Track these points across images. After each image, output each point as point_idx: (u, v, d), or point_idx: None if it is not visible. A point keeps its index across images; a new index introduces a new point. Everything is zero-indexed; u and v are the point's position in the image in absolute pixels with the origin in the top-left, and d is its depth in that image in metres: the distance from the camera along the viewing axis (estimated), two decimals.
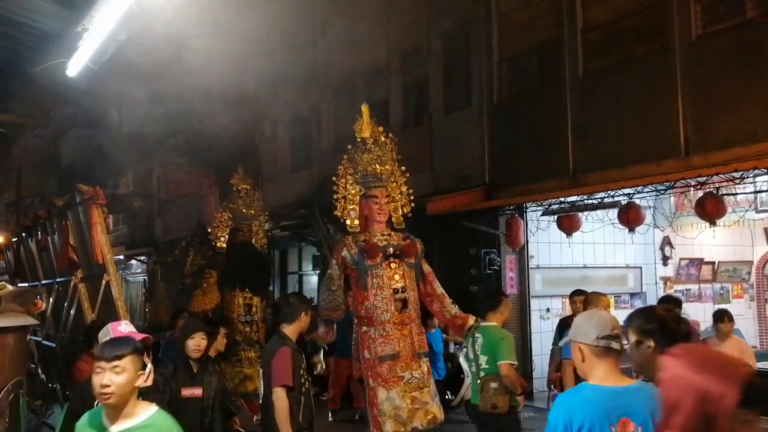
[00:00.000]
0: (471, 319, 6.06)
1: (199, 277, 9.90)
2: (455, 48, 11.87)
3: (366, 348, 5.91)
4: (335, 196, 6.29)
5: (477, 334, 5.85)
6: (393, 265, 6.07)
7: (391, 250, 6.11)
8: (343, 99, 13.91)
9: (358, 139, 6.36)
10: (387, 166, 6.32)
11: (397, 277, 6.07)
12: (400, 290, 6.03)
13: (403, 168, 6.49)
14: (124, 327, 4.02)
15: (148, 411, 2.96)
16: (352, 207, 6.25)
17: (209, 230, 10.03)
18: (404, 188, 6.46)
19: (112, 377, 2.87)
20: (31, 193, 23.32)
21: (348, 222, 6.22)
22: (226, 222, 9.83)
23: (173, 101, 12.74)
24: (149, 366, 4.02)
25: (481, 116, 11.09)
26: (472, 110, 11.33)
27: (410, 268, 6.15)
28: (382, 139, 6.39)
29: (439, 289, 6.30)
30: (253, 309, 9.45)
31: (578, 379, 3.01)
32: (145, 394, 3.99)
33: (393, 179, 6.39)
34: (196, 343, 4.79)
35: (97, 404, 3.83)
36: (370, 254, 6.02)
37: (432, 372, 6.31)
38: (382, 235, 6.21)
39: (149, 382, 4.02)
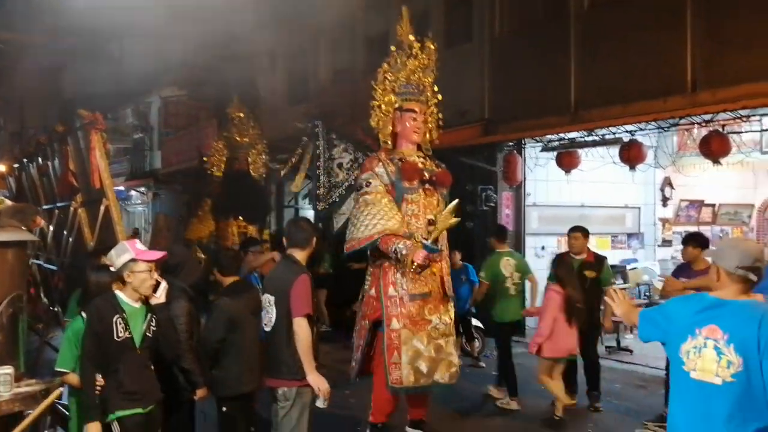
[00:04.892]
0: None
1: (196, 205, 9.93)
2: None
3: (391, 283, 5.21)
4: (372, 103, 5.52)
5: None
6: (428, 193, 5.37)
7: (426, 174, 5.37)
8: (342, 32, 13.67)
9: (401, 41, 5.49)
10: (430, 79, 5.54)
11: (433, 206, 5.37)
12: (436, 222, 5.22)
13: (436, 88, 5.67)
14: (140, 245, 3.96)
15: None
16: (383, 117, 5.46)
17: (205, 159, 10.03)
18: (434, 109, 5.64)
19: None
20: (34, 124, 23.22)
21: (381, 137, 5.49)
22: (221, 151, 9.80)
23: (173, 33, 12.53)
24: (163, 284, 4.06)
25: (482, 50, 10.91)
26: (473, 44, 11.14)
27: (443, 198, 5.47)
28: (430, 45, 5.54)
29: None
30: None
31: None
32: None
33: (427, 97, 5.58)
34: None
35: (115, 318, 3.83)
36: (408, 175, 5.27)
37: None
38: (418, 157, 5.47)
39: (162, 299, 4.07)
